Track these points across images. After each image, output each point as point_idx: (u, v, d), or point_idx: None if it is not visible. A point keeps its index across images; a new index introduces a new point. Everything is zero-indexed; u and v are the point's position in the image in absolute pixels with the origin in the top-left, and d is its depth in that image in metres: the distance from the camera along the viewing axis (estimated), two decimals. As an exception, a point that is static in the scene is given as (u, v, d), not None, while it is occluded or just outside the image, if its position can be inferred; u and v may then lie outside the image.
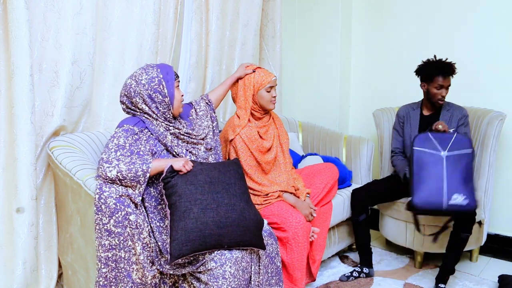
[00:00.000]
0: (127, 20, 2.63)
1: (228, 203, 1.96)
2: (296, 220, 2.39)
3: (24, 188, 2.21)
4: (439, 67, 2.76)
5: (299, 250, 2.39)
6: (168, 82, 2.10)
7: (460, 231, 2.60)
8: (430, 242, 2.76)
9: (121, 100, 2.15)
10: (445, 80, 2.76)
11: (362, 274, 2.85)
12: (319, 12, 3.86)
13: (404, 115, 2.99)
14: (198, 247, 1.85)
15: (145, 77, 2.08)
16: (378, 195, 2.92)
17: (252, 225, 1.99)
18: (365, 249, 2.89)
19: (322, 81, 3.94)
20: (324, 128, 3.49)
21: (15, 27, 2.11)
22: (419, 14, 3.51)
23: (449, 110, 2.85)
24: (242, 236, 1.94)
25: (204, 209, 1.90)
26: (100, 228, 1.87)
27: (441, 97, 2.79)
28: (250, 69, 2.55)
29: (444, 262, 2.68)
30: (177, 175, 1.96)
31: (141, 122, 2.09)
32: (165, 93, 2.10)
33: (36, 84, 2.30)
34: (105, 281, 1.91)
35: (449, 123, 2.81)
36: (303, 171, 2.87)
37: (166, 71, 2.12)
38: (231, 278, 1.88)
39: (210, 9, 3.11)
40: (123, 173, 1.89)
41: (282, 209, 2.45)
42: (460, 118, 2.82)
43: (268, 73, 2.56)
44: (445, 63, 2.76)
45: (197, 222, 1.87)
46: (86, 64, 2.44)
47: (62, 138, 2.35)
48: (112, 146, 1.97)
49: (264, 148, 2.57)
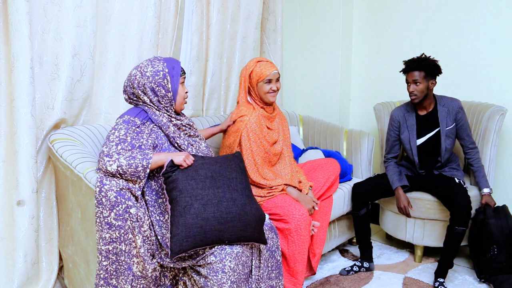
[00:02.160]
0: (128, 12, 2.62)
1: (229, 198, 1.95)
2: (299, 212, 2.40)
3: (24, 181, 2.22)
4: (405, 64, 2.78)
5: (300, 242, 2.40)
6: (173, 77, 2.09)
7: (455, 226, 2.62)
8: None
9: (124, 89, 2.14)
10: (409, 75, 2.74)
11: (362, 268, 2.86)
12: (320, 6, 3.85)
13: (399, 119, 2.93)
14: (198, 243, 1.85)
15: (150, 69, 2.07)
16: (379, 189, 2.92)
17: (254, 220, 1.98)
18: (365, 243, 2.90)
19: (323, 75, 3.93)
20: (324, 122, 3.49)
21: (15, 19, 2.10)
22: (420, 8, 3.50)
23: (444, 105, 2.81)
24: (243, 231, 1.93)
25: (205, 205, 1.89)
26: (100, 221, 1.87)
27: (410, 93, 2.76)
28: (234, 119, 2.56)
29: (442, 257, 2.70)
30: (177, 169, 1.95)
31: (143, 112, 2.07)
32: (168, 88, 2.09)
33: (37, 77, 2.29)
34: (105, 274, 1.91)
35: (447, 118, 2.79)
36: (305, 166, 2.87)
37: (173, 66, 2.11)
38: (231, 272, 1.88)
39: (211, 2, 3.10)
40: (123, 167, 1.88)
41: (285, 201, 2.45)
42: (457, 112, 2.79)
43: (268, 66, 2.54)
44: (408, 60, 2.77)
45: (197, 217, 1.86)
46: (87, 57, 2.44)
47: (63, 131, 2.35)
48: (113, 139, 1.95)
49: (272, 139, 2.58)
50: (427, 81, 2.73)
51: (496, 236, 2.66)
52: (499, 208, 2.80)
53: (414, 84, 2.73)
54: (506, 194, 3.21)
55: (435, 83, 2.77)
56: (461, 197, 2.64)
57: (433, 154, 2.87)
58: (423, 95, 2.75)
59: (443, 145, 2.81)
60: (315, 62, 3.96)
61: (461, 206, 2.62)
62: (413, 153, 2.88)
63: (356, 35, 3.90)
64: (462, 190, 2.69)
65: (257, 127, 2.51)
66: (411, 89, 2.75)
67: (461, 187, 2.72)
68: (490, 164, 2.98)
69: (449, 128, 2.80)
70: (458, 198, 2.65)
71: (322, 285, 2.72)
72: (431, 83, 2.75)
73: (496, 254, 2.65)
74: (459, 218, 2.62)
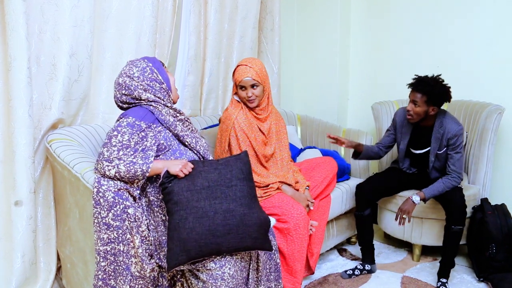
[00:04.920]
0: (125, 12, 2.62)
1: (227, 209, 1.87)
2: (297, 211, 2.39)
3: (22, 181, 2.21)
4: (413, 79, 2.64)
5: (299, 241, 2.39)
6: (159, 69, 2.07)
7: (452, 225, 2.61)
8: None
9: (120, 101, 2.05)
10: (412, 93, 2.61)
11: (364, 271, 2.83)
12: (318, 5, 3.85)
13: (398, 120, 2.83)
14: (194, 256, 1.81)
15: (136, 70, 2.02)
16: (383, 189, 2.90)
17: (254, 229, 1.90)
18: (368, 245, 2.87)
19: (321, 74, 3.93)
20: (322, 121, 3.49)
21: (12, 19, 2.09)
22: (419, 7, 3.50)
23: (442, 127, 2.65)
24: (241, 242, 1.87)
25: (200, 218, 1.83)
26: (98, 222, 1.87)
27: (407, 111, 2.65)
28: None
29: (442, 257, 2.69)
30: (174, 179, 1.90)
31: (149, 113, 2.00)
32: (160, 80, 2.06)
33: (34, 77, 2.29)
34: (104, 275, 1.91)
35: (440, 141, 2.67)
36: (302, 165, 2.87)
37: (153, 60, 2.09)
38: (230, 279, 1.87)
39: (208, 2, 3.10)
40: (121, 173, 1.87)
41: (283, 200, 2.45)
42: (451, 137, 2.63)
43: (242, 71, 2.44)
44: (418, 77, 2.63)
45: (192, 232, 1.81)
46: (84, 57, 2.43)
47: (60, 131, 2.35)
48: (115, 143, 1.89)
49: (262, 138, 2.56)
50: (427, 106, 2.59)
51: (495, 235, 2.66)
52: (497, 206, 2.81)
53: (412, 104, 2.61)
54: (504, 193, 3.21)
55: (436, 110, 2.62)
56: (456, 196, 2.63)
57: (425, 165, 2.84)
58: (419, 118, 2.64)
59: (430, 165, 2.77)
60: (313, 61, 3.96)
61: (456, 205, 2.61)
62: (400, 158, 2.89)
63: (354, 34, 3.90)
64: (456, 189, 2.68)
65: (246, 126, 2.50)
66: (408, 107, 2.64)
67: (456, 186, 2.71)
68: (487, 163, 2.99)
69: (440, 152, 2.71)
70: (452, 197, 2.64)
71: (321, 284, 2.72)
72: (431, 109, 2.60)
73: (495, 252, 2.66)
74: (454, 217, 2.61)
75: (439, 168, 2.78)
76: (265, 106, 2.57)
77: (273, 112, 2.68)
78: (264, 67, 2.52)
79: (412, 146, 2.83)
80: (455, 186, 2.66)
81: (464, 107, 3.19)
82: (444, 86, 2.59)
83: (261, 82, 2.46)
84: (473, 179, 3.05)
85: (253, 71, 2.43)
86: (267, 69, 3.69)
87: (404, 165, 2.90)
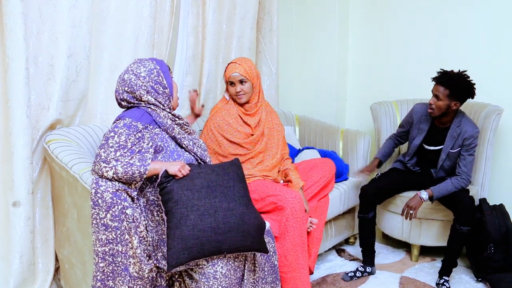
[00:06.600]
0: (123, 13, 2.62)
1: (227, 207, 1.89)
2: (292, 195, 2.40)
3: (20, 182, 2.21)
4: (438, 73, 2.64)
5: (298, 225, 2.37)
6: (165, 73, 2.08)
7: (460, 225, 2.59)
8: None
9: (121, 97, 2.04)
10: (435, 87, 2.62)
11: (365, 273, 2.82)
12: (316, 5, 3.84)
13: (416, 116, 2.81)
14: (196, 255, 1.81)
15: (143, 70, 2.02)
16: (386, 191, 2.90)
17: (253, 229, 1.93)
18: (369, 247, 2.85)
19: (319, 74, 3.93)
20: (321, 122, 3.49)
21: (10, 19, 2.09)
22: (418, 7, 3.50)
23: (459, 127, 2.66)
24: (242, 241, 1.89)
25: (201, 215, 1.85)
26: (97, 223, 1.87)
27: (429, 105, 2.65)
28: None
29: (446, 256, 2.69)
30: (173, 179, 1.90)
31: (147, 114, 2.00)
32: (165, 84, 2.06)
33: (32, 78, 2.28)
34: (102, 275, 1.91)
35: (455, 140, 2.67)
36: (300, 165, 2.86)
37: (160, 63, 2.09)
38: (222, 278, 1.87)
39: (206, 2, 3.09)
40: (119, 175, 1.86)
41: (276, 187, 2.48)
42: (466, 137, 2.64)
43: (232, 68, 2.56)
44: (443, 71, 2.63)
45: (194, 229, 1.82)
46: (82, 57, 2.43)
47: (58, 132, 2.34)
48: (112, 144, 1.89)
49: (246, 133, 2.61)
50: (449, 100, 2.58)
51: (493, 235, 2.66)
52: (496, 207, 2.81)
53: (435, 98, 2.61)
54: (503, 193, 3.21)
55: (458, 105, 2.62)
56: (465, 197, 2.62)
57: (432, 164, 2.85)
58: (441, 112, 2.63)
59: (439, 163, 2.77)
60: (311, 61, 3.96)
61: (465, 205, 2.59)
62: (409, 153, 2.88)
63: (352, 34, 3.90)
64: (464, 190, 2.67)
65: (224, 122, 2.58)
66: (431, 101, 2.63)
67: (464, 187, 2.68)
68: (486, 163, 2.99)
69: (453, 151, 2.71)
70: (461, 197, 2.62)
71: (319, 284, 2.72)
72: (453, 104, 2.60)
73: (493, 253, 2.66)
74: (463, 218, 2.58)
75: (447, 168, 2.78)
76: (255, 103, 2.64)
77: (267, 110, 2.73)
78: (253, 66, 2.63)
79: (426, 142, 2.82)
80: (463, 188, 2.67)
81: (463, 108, 3.18)
82: (469, 82, 2.59)
83: (249, 79, 2.56)
84: (472, 180, 3.05)
85: (241, 67, 2.55)
86: (266, 69, 3.70)
87: (410, 161, 2.90)
